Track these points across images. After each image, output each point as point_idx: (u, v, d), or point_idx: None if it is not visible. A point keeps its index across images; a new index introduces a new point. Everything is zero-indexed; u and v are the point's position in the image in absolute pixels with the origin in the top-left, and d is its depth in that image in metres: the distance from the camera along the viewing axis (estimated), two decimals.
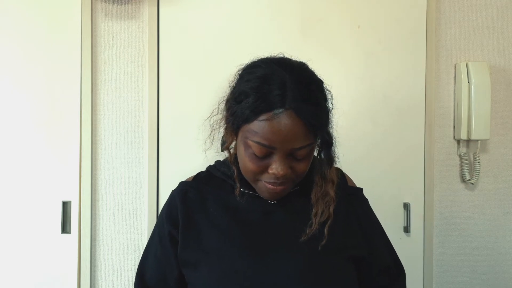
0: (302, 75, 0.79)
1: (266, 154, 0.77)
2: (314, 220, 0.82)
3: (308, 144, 0.77)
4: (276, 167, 0.77)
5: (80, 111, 1.19)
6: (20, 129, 1.19)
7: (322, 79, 0.82)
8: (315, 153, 0.86)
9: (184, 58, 1.21)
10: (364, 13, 1.25)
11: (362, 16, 1.25)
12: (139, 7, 1.22)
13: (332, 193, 0.84)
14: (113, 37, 1.22)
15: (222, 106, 0.86)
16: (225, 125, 0.85)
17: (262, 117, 0.74)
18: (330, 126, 0.82)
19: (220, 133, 0.89)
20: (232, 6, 1.22)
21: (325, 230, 0.81)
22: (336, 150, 0.84)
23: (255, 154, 0.77)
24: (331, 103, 0.83)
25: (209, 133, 0.92)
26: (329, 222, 0.82)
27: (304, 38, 1.24)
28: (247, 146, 0.78)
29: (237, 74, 0.84)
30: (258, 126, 0.75)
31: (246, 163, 0.79)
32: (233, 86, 0.83)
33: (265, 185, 0.80)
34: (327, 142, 0.81)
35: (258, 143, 0.75)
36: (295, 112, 0.74)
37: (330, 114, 0.82)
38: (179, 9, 1.21)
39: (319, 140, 0.81)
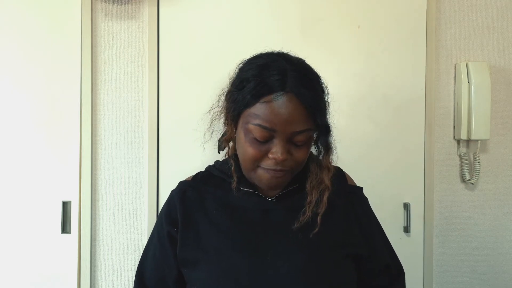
0: (301, 66, 0.81)
1: (266, 139, 0.77)
2: (307, 208, 0.82)
3: (308, 128, 0.78)
4: (276, 151, 0.77)
5: (80, 111, 1.19)
6: (20, 129, 1.19)
7: (319, 74, 0.83)
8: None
9: (184, 58, 1.21)
10: (364, 13, 1.25)
11: (362, 16, 1.25)
12: (139, 7, 1.22)
13: (327, 181, 0.84)
14: (113, 37, 1.22)
15: (223, 98, 0.87)
16: (225, 116, 0.85)
17: (263, 99, 0.75)
18: (328, 116, 0.83)
19: (220, 124, 0.90)
20: (232, 6, 1.22)
21: (318, 219, 0.81)
22: (333, 141, 0.84)
23: (255, 139, 0.77)
24: (327, 100, 0.83)
25: (208, 125, 0.92)
26: (322, 210, 0.82)
27: (304, 38, 1.24)
28: (247, 132, 0.78)
29: (237, 68, 0.85)
30: (259, 109, 0.76)
31: (247, 148, 0.79)
32: (233, 78, 0.84)
33: (264, 172, 0.80)
34: (326, 128, 0.81)
35: (259, 125, 0.76)
36: (295, 95, 0.75)
37: (328, 106, 0.83)
38: (179, 9, 1.21)
39: (316, 132, 0.82)
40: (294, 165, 0.80)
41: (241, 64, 0.84)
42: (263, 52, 0.84)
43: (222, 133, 0.91)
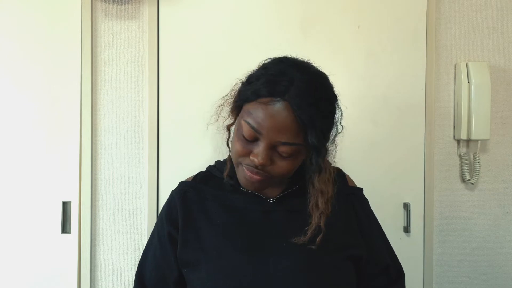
0: (314, 80, 0.78)
1: (253, 138, 0.77)
2: (308, 232, 0.80)
3: (295, 143, 0.76)
4: (257, 153, 0.77)
5: (80, 111, 1.19)
6: (20, 129, 1.19)
7: (337, 96, 0.82)
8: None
9: (184, 58, 1.21)
10: (364, 13, 1.25)
11: (362, 16, 1.25)
12: (139, 7, 1.22)
13: (322, 206, 0.82)
14: (113, 37, 1.22)
15: (237, 87, 0.86)
16: (231, 105, 0.86)
17: (260, 100, 0.76)
18: (327, 139, 0.81)
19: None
20: (233, 6, 1.22)
21: (317, 240, 0.80)
22: (335, 152, 0.83)
23: (243, 135, 0.78)
24: (340, 124, 0.83)
25: (216, 110, 0.91)
26: (321, 234, 0.81)
27: (304, 38, 1.24)
28: (240, 126, 0.80)
29: (261, 63, 0.84)
30: (254, 108, 0.77)
31: (235, 143, 0.81)
32: (253, 71, 0.84)
33: (244, 170, 0.81)
34: (316, 149, 0.78)
35: (248, 123, 0.77)
36: (291, 105, 0.74)
37: (332, 131, 0.82)
38: (179, 9, 1.21)
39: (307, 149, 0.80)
40: (274, 173, 0.79)
41: (266, 62, 0.83)
42: (289, 57, 0.82)
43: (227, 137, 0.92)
